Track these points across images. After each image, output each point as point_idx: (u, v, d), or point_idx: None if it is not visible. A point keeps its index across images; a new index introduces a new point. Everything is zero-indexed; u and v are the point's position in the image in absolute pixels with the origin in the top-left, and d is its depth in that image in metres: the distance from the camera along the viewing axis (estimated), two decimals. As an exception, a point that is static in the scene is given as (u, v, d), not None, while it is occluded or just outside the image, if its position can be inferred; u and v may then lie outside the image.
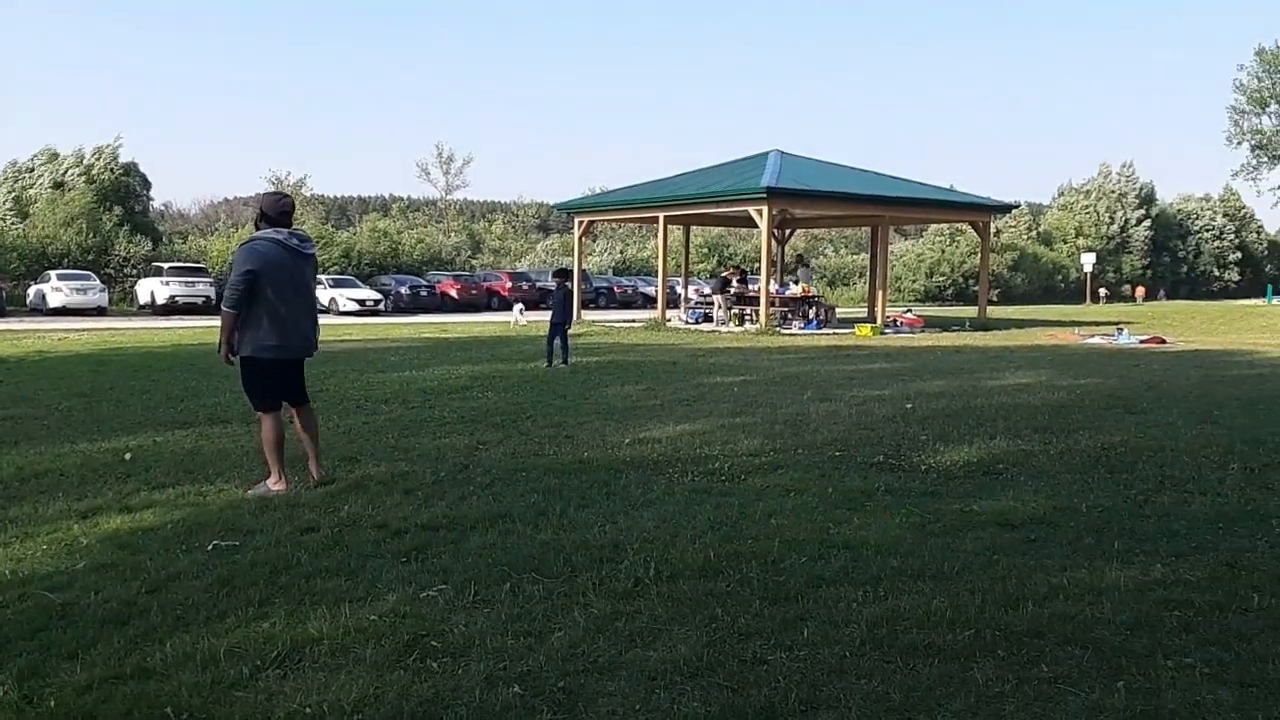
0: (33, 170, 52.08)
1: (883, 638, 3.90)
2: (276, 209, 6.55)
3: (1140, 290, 69.87)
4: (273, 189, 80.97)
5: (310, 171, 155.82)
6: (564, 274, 16.27)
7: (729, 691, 3.45)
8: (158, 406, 10.60)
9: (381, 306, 38.09)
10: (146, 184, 54.93)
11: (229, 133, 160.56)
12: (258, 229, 6.56)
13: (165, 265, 38.95)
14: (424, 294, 41.21)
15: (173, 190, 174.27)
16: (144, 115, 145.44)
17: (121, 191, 50.91)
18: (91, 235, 44.42)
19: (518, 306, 29.88)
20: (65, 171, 50.51)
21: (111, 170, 50.66)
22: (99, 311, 34.73)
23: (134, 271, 43.34)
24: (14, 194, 50.79)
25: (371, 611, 4.19)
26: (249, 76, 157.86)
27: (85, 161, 50.91)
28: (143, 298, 37.50)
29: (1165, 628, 4.01)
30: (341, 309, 36.90)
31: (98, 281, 37.37)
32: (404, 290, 40.80)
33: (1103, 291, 64.83)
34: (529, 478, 6.88)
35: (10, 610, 4.28)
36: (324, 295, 37.60)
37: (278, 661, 3.70)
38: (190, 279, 36.90)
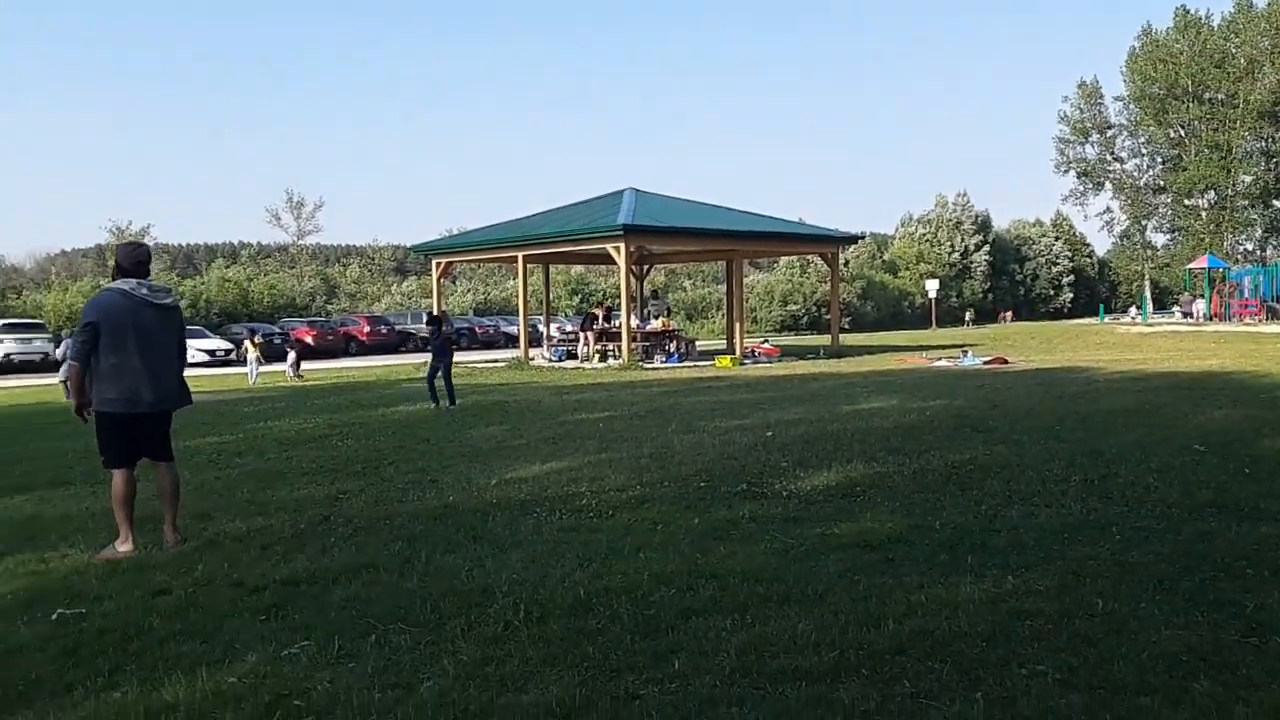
0: None
1: (752, 664, 3.95)
2: (131, 259, 6.33)
3: (1008, 314, 74.03)
4: (124, 240, 77.70)
5: (154, 220, 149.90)
6: (436, 320, 16.37)
7: (603, 730, 3.44)
8: (-10, 471, 9.98)
9: (233, 356, 36.80)
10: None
11: (65, 182, 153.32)
12: (113, 280, 6.33)
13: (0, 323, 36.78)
14: (278, 342, 40.00)
15: (4, 244, 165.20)
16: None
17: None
18: None
19: (291, 355, 28.21)
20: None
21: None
22: (-78, 373, 32.55)
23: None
24: None
25: (230, 674, 4.03)
26: (84, 122, 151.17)
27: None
28: (-29, 356, 35.26)
29: (1018, 637, 4.19)
30: (191, 360, 35.49)
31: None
32: (257, 339, 39.46)
33: (969, 315, 67.85)
34: (393, 526, 6.74)
35: None
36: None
37: (129, 734, 3.51)
38: (26, 335, 34.98)
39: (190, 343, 36.21)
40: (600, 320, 29.00)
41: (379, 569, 5.59)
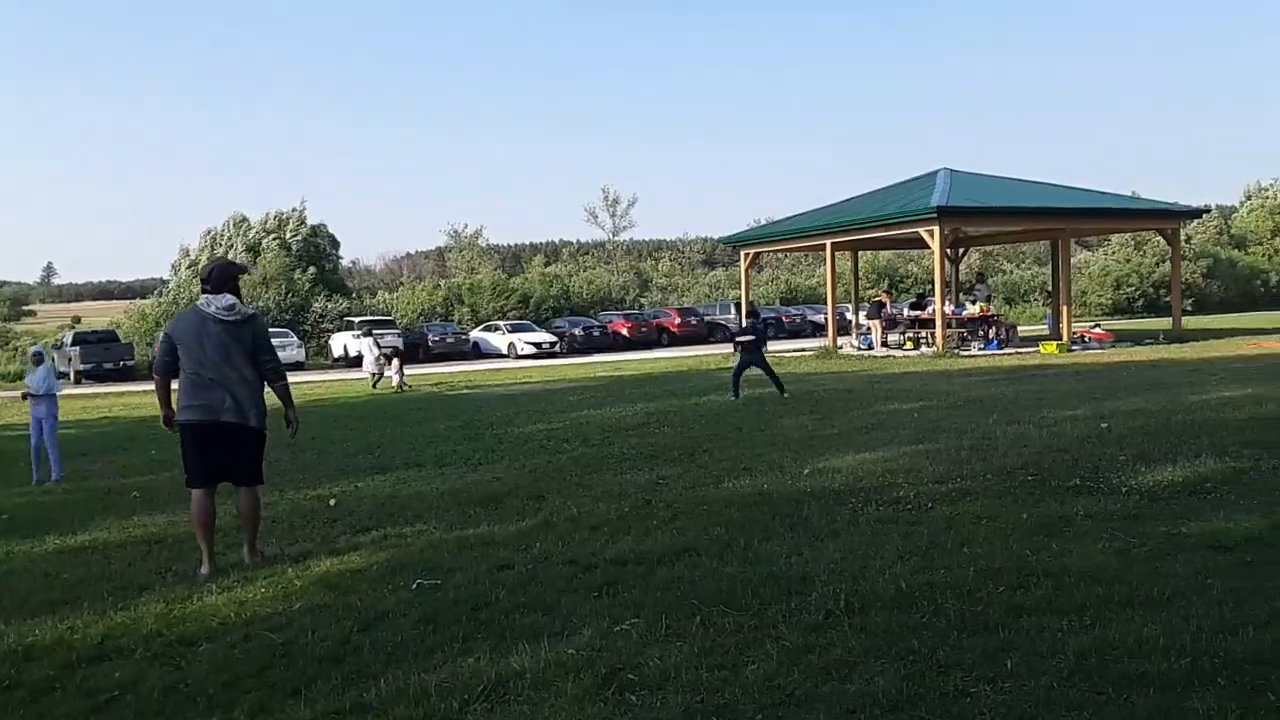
0: (226, 236, 55.87)
1: (1092, 668, 3.74)
2: (209, 276, 6.33)
3: None
4: (450, 242, 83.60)
5: (486, 223, 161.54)
6: (754, 313, 17.62)
7: (931, 724, 3.38)
8: (357, 454, 11.17)
9: (557, 348, 38.99)
10: (335, 243, 58.11)
11: (409, 190, 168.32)
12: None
13: (357, 320, 41.06)
14: (596, 334, 41.97)
15: (359, 248, 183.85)
16: (325, 178, 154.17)
17: (313, 252, 54.04)
18: (289, 295, 47.26)
19: (394, 361, 23.34)
20: (258, 236, 53.99)
21: (300, 232, 53.90)
22: (296, 366, 36.84)
23: (330, 327, 45.83)
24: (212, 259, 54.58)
25: (569, 646, 4.31)
26: (424, 134, 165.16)
27: (276, 225, 54.33)
28: (336, 351, 39.63)
29: None
30: (520, 353, 37.99)
31: (295, 338, 39.72)
32: (577, 331, 41.64)
33: None
34: (710, 511, 6.92)
35: (238, 650, 4.60)
36: (503, 340, 38.90)
37: (484, 695, 3.84)
38: (381, 332, 38.76)
39: (518, 336, 39.05)
40: (887, 306, 28.42)
41: (699, 552, 5.77)
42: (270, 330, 38.44)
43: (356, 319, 41.36)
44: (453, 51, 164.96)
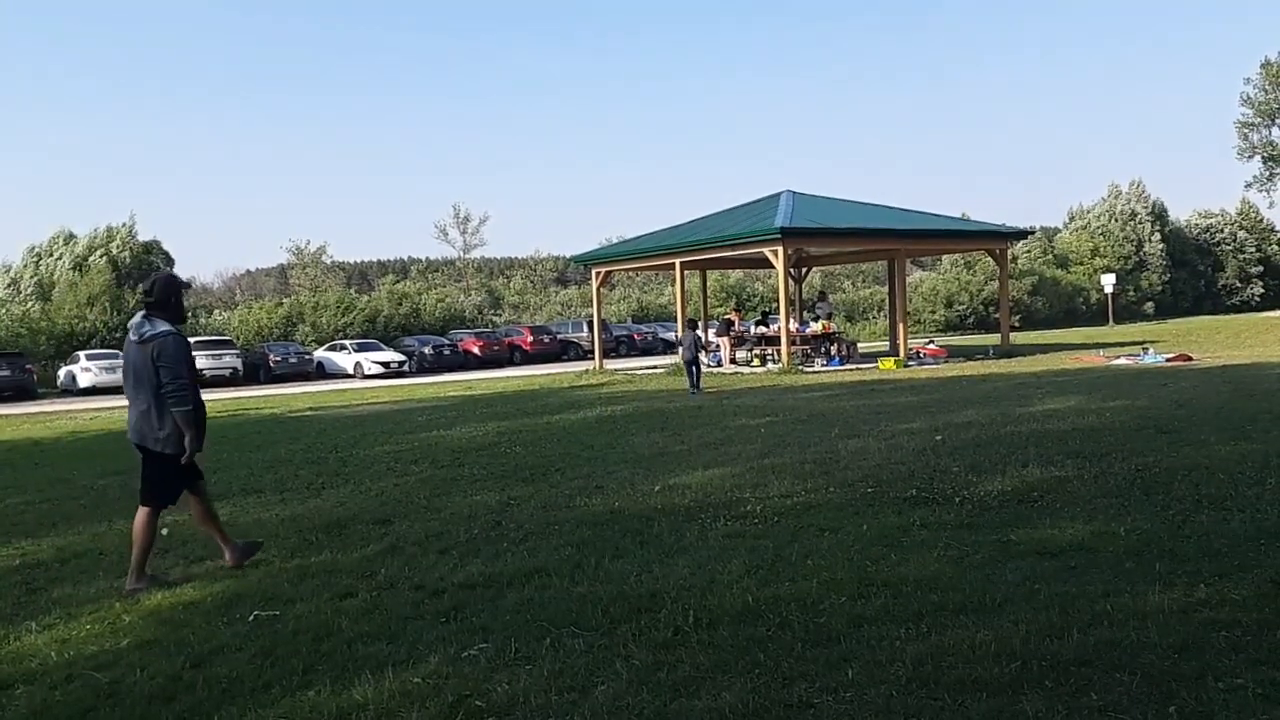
0: (52, 253, 53.04)
1: (929, 675, 3.87)
2: (143, 295, 6.39)
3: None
4: (292, 259, 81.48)
5: (330, 239, 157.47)
6: (693, 322, 21.63)
7: (777, 737, 3.43)
8: (190, 480, 10.67)
9: (406, 368, 38.28)
10: (169, 261, 55.83)
11: (247, 205, 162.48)
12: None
13: (191, 340, 39.38)
14: (447, 353, 41.42)
15: (195, 265, 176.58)
16: (161, 194, 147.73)
17: (144, 269, 51.73)
18: (116, 314, 45.06)
19: None
20: (85, 253, 51.38)
21: (131, 249, 51.54)
22: (127, 389, 35.12)
23: (160, 347, 43.83)
24: (36, 277, 51.72)
25: (415, 674, 4.20)
26: (264, 146, 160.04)
27: (104, 242, 51.79)
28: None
29: (1214, 649, 3.97)
30: (367, 372, 37.11)
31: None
32: (427, 350, 40.99)
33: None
34: (562, 531, 6.89)
35: (59, 692, 4.32)
36: (349, 360, 37.91)
37: (325, 730, 3.70)
38: (217, 351, 37.29)
39: (365, 356, 38.18)
40: (736, 326, 29.27)
41: (550, 573, 5.73)
42: (99, 353, 36.30)
43: (191, 339, 39.72)
44: (292, 66, 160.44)
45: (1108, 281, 56.46)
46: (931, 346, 29.66)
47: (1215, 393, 13.52)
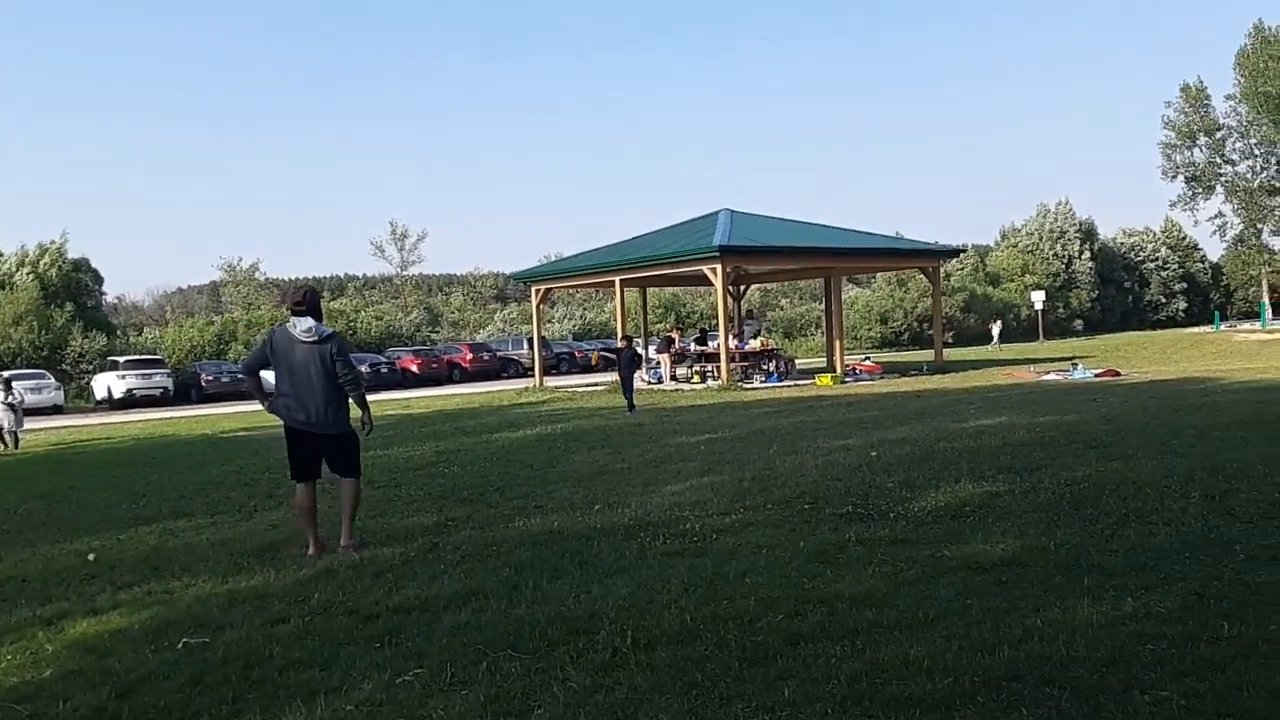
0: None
1: (864, 692, 3.90)
2: (287, 302, 7.34)
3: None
4: (225, 276, 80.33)
5: (263, 256, 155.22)
6: (629, 339, 22.03)
7: (714, 758, 3.43)
8: (119, 504, 10.44)
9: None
10: (99, 279, 54.62)
11: (179, 222, 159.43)
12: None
13: (121, 359, 38.54)
14: (384, 371, 41.02)
15: (126, 284, 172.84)
16: (89, 211, 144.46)
17: (73, 287, 50.56)
18: (43, 333, 43.94)
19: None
20: (11, 270, 49.99)
21: (60, 267, 50.31)
22: (55, 410, 34.22)
23: (89, 367, 42.84)
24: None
25: (347, 702, 4.14)
26: (196, 160, 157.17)
27: (34, 259, 50.46)
28: (99, 393, 37.08)
29: (1140, 662, 4.05)
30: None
31: (52, 380, 36.92)
32: (364, 368, 40.55)
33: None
34: (500, 552, 6.83)
35: (-25, 726, 4.18)
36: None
37: (255, 760, 3.63)
38: (147, 371, 36.53)
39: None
40: (676, 343, 29.35)
41: (487, 595, 5.68)
42: (24, 372, 35.47)
43: (121, 358, 38.83)
44: (224, 83, 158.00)
45: (1037, 298, 57.56)
46: (867, 363, 30.04)
47: (1142, 408, 13.85)
